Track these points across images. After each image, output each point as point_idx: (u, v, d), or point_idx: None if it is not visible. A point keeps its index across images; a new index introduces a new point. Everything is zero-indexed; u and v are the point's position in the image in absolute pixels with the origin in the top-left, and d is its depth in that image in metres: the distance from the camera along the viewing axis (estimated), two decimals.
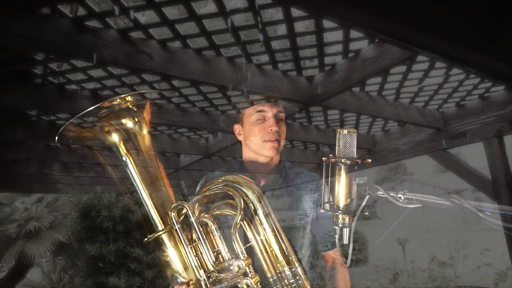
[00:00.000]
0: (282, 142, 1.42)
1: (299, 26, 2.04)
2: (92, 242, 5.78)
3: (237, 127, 1.51)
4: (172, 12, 1.89)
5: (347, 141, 1.00)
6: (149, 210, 1.10)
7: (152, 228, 1.11)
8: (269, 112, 1.40)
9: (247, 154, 1.48)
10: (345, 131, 1.00)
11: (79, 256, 6.62)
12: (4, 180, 4.61)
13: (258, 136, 1.40)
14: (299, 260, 1.12)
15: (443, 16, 1.54)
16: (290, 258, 1.11)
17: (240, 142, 1.53)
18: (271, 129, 1.37)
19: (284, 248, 1.11)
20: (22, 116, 2.98)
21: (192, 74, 2.07)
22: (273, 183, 1.43)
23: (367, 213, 1.01)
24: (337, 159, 1.00)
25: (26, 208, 7.97)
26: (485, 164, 3.11)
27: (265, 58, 2.31)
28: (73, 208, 6.16)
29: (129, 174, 1.09)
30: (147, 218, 1.11)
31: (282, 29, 2.08)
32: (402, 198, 0.90)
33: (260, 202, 1.12)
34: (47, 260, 9.09)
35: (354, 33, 2.06)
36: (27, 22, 1.67)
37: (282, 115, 1.44)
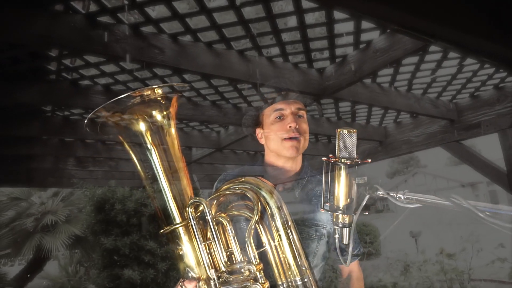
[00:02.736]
0: (304, 141, 1.37)
1: (309, 18, 2.03)
2: (107, 235, 5.88)
3: (259, 131, 1.48)
4: (182, 6, 1.90)
5: (347, 141, 1.01)
6: (168, 202, 1.10)
7: (168, 220, 1.11)
8: (287, 109, 1.37)
9: (269, 157, 1.45)
10: (345, 131, 1.01)
11: (94, 249, 6.75)
12: (20, 175, 4.71)
13: (277, 134, 1.36)
14: (312, 271, 1.11)
15: (456, 4, 1.52)
16: (303, 268, 1.08)
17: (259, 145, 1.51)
18: (290, 126, 1.33)
19: (298, 257, 1.08)
20: (37, 112, 3.04)
21: (203, 67, 2.08)
22: (292, 190, 1.39)
23: (366, 213, 1.00)
24: (337, 159, 1.00)
25: (42, 202, 8.15)
26: (500, 156, 3.06)
27: (275, 50, 2.31)
28: (87, 202, 6.28)
29: (152, 163, 1.10)
30: (164, 210, 1.11)
31: (292, 21, 2.07)
32: (402, 198, 0.91)
33: (278, 208, 1.10)
34: (63, 253, 9.30)
35: (365, 24, 2.04)
36: (40, 19, 1.70)
37: (303, 112, 1.40)
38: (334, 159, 1.01)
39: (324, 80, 2.49)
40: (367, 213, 1.00)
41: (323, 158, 1.03)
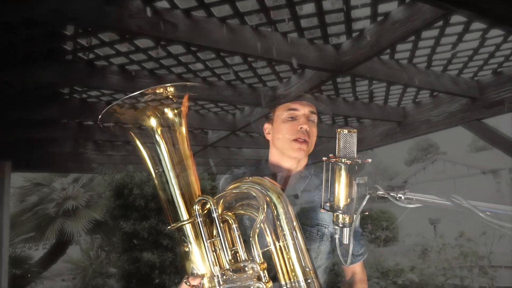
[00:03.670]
0: (311, 145, 1.38)
1: None
2: (126, 220, 6.01)
3: (267, 126, 1.49)
4: None
5: (347, 140, 1.01)
6: (176, 199, 1.13)
7: (175, 216, 1.14)
8: (301, 110, 1.38)
9: (274, 155, 1.46)
10: (345, 131, 1.02)
11: (114, 233, 6.93)
12: (41, 159, 4.83)
13: (286, 134, 1.37)
14: (316, 272, 1.11)
15: None
16: (307, 269, 1.08)
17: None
18: (301, 127, 1.35)
19: (302, 258, 1.09)
20: (55, 94, 3.09)
21: (217, 43, 2.06)
22: (295, 188, 1.39)
23: (367, 213, 1.01)
24: (337, 159, 1.01)
25: (63, 188, 8.38)
26: None
27: (290, 26, 2.27)
28: (106, 187, 6.42)
29: (162, 160, 1.13)
30: (172, 205, 1.14)
31: None
32: (403, 198, 0.91)
33: (283, 208, 1.10)
34: (84, 238, 9.57)
35: None
36: None
37: (315, 116, 1.41)
38: (334, 159, 1.02)
39: (340, 56, 2.43)
40: (367, 213, 1.01)
41: (323, 158, 1.04)
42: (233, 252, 1.10)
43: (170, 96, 1.13)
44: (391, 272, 5.05)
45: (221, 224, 1.10)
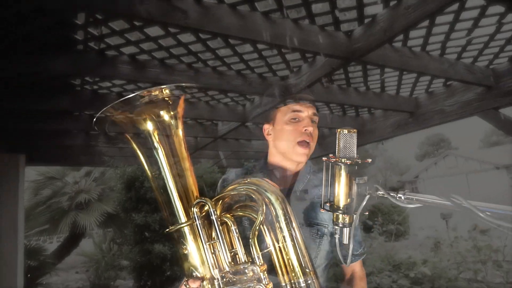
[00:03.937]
0: (313, 147, 1.38)
1: None
2: (138, 212, 6.05)
3: (267, 127, 1.47)
4: None
5: (347, 141, 1.02)
6: (174, 201, 1.12)
7: (173, 219, 1.14)
8: (305, 112, 1.37)
9: (274, 156, 1.45)
10: (345, 131, 1.02)
11: (126, 225, 7.00)
12: (53, 153, 4.89)
13: (291, 136, 1.36)
14: (316, 273, 1.10)
15: None
16: (307, 270, 1.07)
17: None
18: (306, 129, 1.34)
19: (302, 258, 1.08)
20: (67, 85, 3.11)
21: (227, 30, 2.05)
22: (294, 188, 1.39)
23: (367, 213, 1.01)
24: (337, 159, 1.02)
25: (76, 182, 8.49)
26: None
27: (301, 12, 2.24)
28: (118, 180, 6.46)
29: (158, 162, 1.13)
30: (170, 208, 1.14)
31: None
32: (403, 198, 0.91)
33: (282, 209, 1.10)
34: (97, 232, 9.69)
35: None
36: None
37: (317, 118, 1.41)
38: (334, 159, 1.02)
39: (352, 43, 2.39)
40: (367, 213, 1.01)
41: (323, 158, 1.04)
42: (232, 254, 1.09)
43: (166, 98, 1.11)
44: (403, 265, 5.00)
45: (220, 227, 1.09)
